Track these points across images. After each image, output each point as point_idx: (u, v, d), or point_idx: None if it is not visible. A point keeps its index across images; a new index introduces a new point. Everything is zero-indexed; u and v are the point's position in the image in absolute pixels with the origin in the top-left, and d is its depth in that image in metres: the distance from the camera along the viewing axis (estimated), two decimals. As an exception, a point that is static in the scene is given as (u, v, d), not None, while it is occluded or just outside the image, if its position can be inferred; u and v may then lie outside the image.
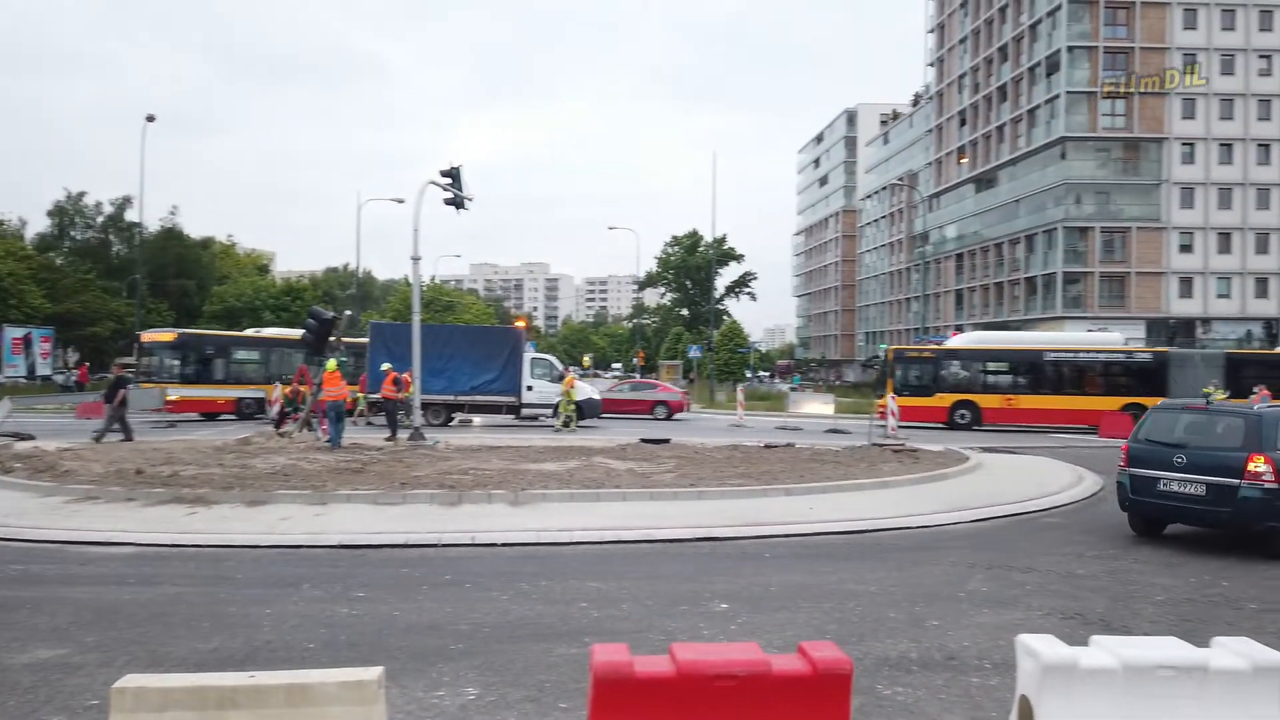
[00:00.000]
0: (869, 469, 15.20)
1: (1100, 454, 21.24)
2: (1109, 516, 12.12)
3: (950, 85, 75.90)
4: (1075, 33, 57.85)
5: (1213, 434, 10.37)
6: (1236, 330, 58.15)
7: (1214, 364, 29.02)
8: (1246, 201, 58.21)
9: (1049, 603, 7.26)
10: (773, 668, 3.31)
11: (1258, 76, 58.06)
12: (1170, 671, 3.69)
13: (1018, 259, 64.35)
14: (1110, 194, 59.30)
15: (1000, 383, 29.70)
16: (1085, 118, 58.32)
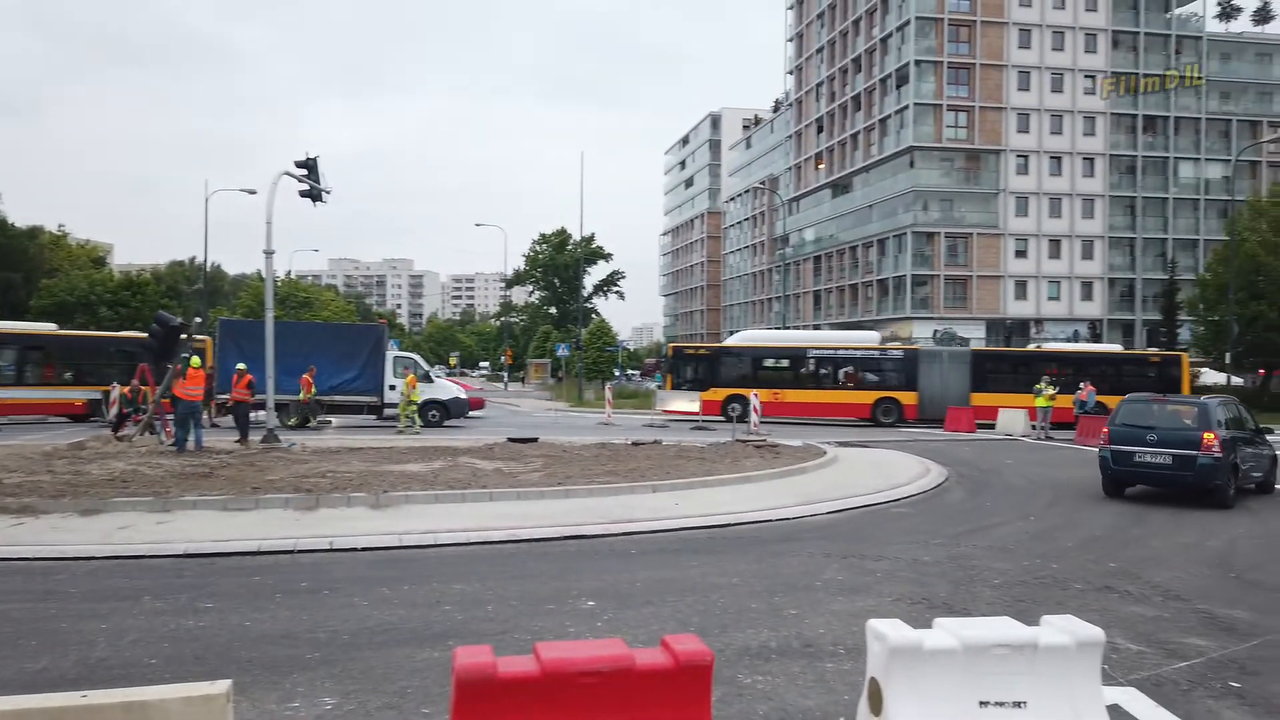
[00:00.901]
0: (732, 464, 15.58)
1: (946, 448, 22.51)
2: (953, 506, 12.88)
3: (808, 93, 78.69)
4: (922, 48, 61.08)
5: (1175, 419, 13.76)
6: (1065, 330, 62.76)
7: (961, 361, 31.25)
8: (1074, 211, 62.96)
9: (898, 588, 7.64)
10: (636, 662, 3.35)
11: (1083, 95, 62.88)
12: (1005, 649, 3.94)
13: (871, 262, 67.34)
14: (954, 201, 62.92)
15: (769, 378, 31.11)
16: (931, 129, 61.66)
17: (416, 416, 24.28)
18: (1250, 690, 5.33)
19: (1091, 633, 4.04)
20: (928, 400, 30.43)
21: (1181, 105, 64.59)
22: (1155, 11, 64.79)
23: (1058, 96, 62.44)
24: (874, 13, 66.87)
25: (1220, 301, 42.31)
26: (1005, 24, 61.50)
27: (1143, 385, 28.11)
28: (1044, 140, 62.25)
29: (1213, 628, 6.67)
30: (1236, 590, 7.95)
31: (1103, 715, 3.92)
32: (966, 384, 30.50)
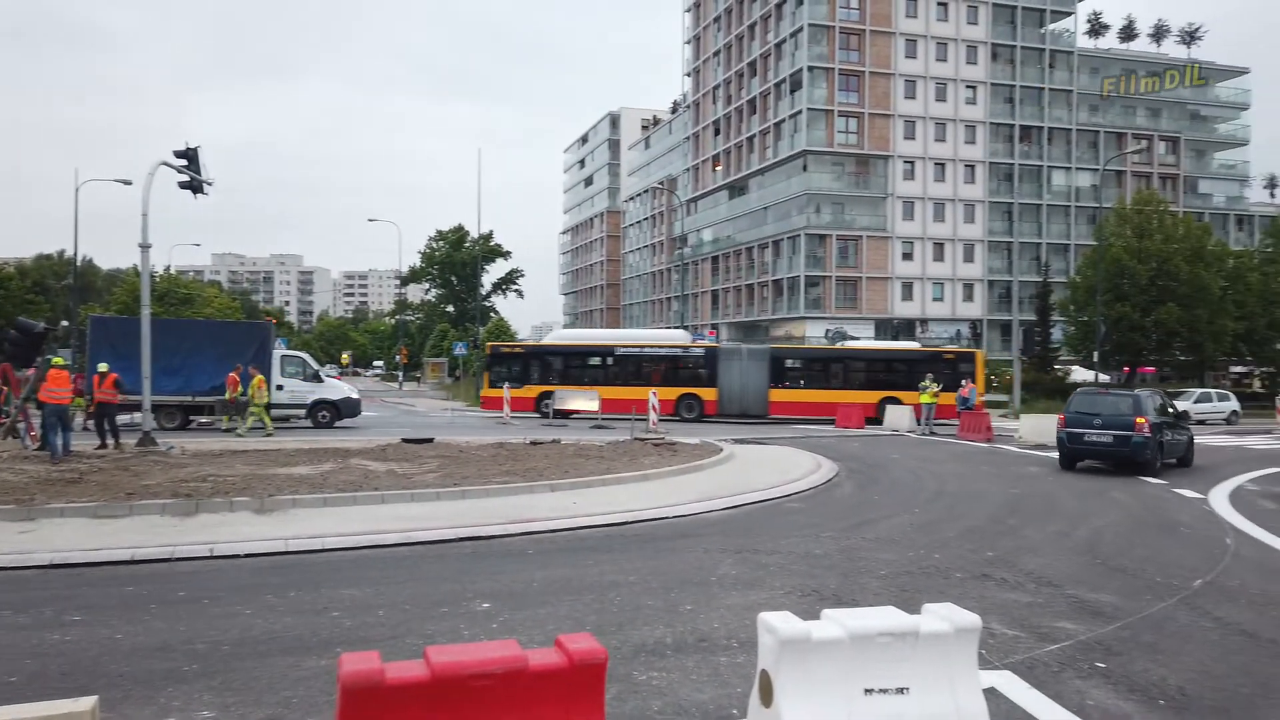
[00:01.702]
0: (630, 463, 15.64)
1: (836, 444, 23.15)
2: (843, 500, 13.26)
3: (706, 96, 79.75)
4: (814, 54, 62.71)
5: (1115, 407, 17.64)
6: (949, 329, 65.49)
7: (759, 358, 32.38)
8: (956, 215, 65.74)
9: (790, 581, 7.82)
10: (529, 663, 3.32)
11: (965, 104, 65.72)
12: (888, 638, 4.07)
13: (767, 262, 68.75)
14: (845, 205, 64.84)
15: (579, 375, 32.01)
16: (823, 133, 63.39)
17: (266, 417, 23.11)
18: (1114, 670, 5.66)
19: (969, 619, 4.21)
20: (727, 397, 31.28)
21: (1054, 117, 68.26)
22: (1031, 26, 68.24)
23: (941, 105, 65.09)
24: (769, 19, 68.28)
25: (1089, 303, 44.90)
26: (893, 34, 63.73)
27: (941, 380, 29.68)
28: (929, 147, 64.79)
29: (1081, 612, 7.06)
30: (1102, 576, 8.43)
31: (979, 698, 4.09)
32: (766, 381, 31.41)
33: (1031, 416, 26.22)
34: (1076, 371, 52.35)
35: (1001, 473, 17.04)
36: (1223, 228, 68.56)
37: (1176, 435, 18.65)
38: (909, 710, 4.00)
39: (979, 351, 32.84)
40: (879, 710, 3.96)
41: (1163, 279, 45.23)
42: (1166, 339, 45.96)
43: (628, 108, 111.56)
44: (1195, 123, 75.42)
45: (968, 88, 65.77)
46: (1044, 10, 68.22)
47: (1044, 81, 67.88)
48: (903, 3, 64.00)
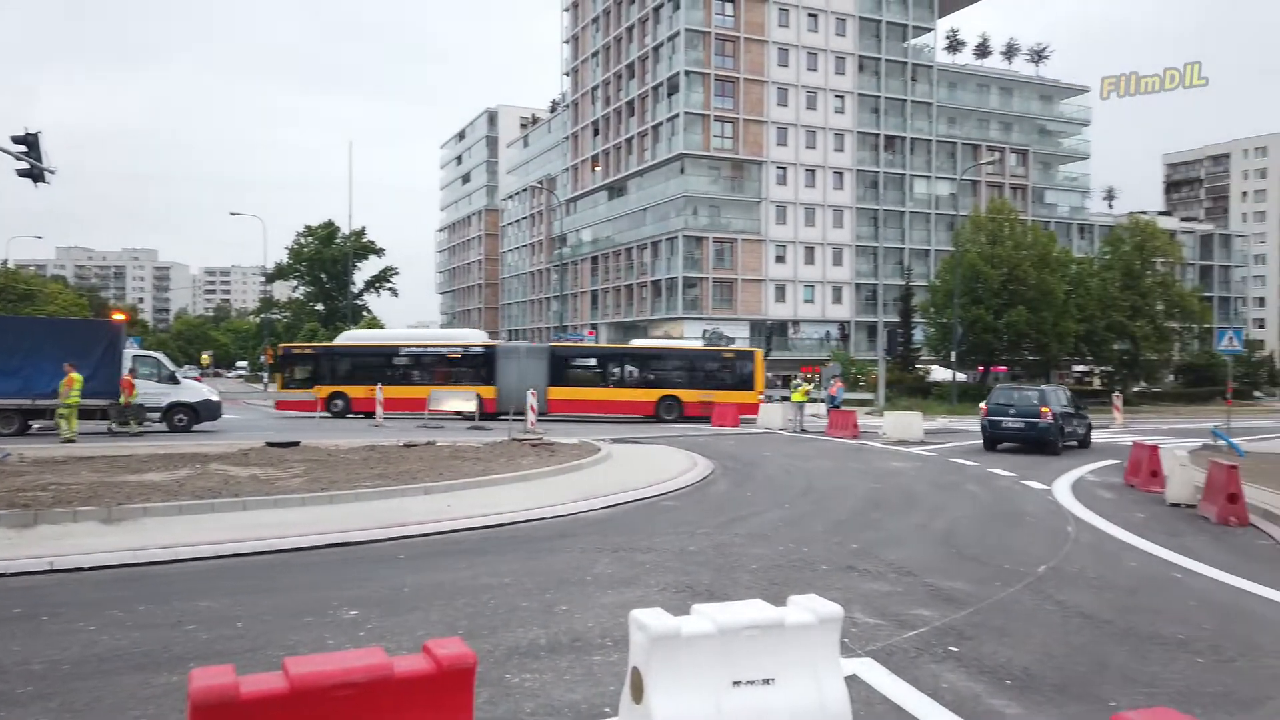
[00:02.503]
0: (508, 463, 15.49)
1: (711, 442, 23.58)
2: (718, 497, 13.52)
3: (584, 96, 79.82)
4: (691, 59, 63.71)
5: (1026, 399, 21.85)
6: (819, 330, 67.74)
7: (538, 356, 33.04)
8: (826, 221, 68.05)
9: (665, 578, 7.91)
10: (395, 670, 3.24)
11: (834, 113, 68.11)
12: (756, 630, 4.17)
13: (645, 263, 69.37)
14: (721, 208, 66.14)
15: (366, 375, 32.01)
16: (700, 137, 64.47)
17: (73, 421, 21.12)
18: (966, 653, 5.98)
19: (832, 610, 4.36)
20: (505, 395, 31.03)
21: (916, 128, 71.58)
22: (895, 40, 71.35)
23: (812, 113, 67.26)
24: (646, 22, 68.93)
25: (947, 306, 47.30)
26: (766, 42, 65.43)
27: (721, 378, 31.00)
28: (800, 154, 66.84)
29: (937, 599, 7.42)
30: (957, 564, 8.89)
31: (841, 685, 4.23)
32: (544, 379, 31.45)
33: (894, 414, 27.37)
34: (936, 371, 55.07)
35: (866, 468, 17.74)
36: (1066, 236, 73.49)
37: (1077, 423, 23.17)
38: (775, 700, 4.12)
39: (758, 351, 33.50)
40: (746, 701, 4.06)
41: (1013, 283, 48.09)
42: (1017, 340, 48.88)
43: (506, 105, 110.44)
44: (1042, 137, 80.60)
45: (836, 97, 68.21)
46: (906, 26, 71.44)
47: (907, 94, 71.09)
48: (775, 12, 65.80)
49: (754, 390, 31.73)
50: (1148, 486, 14.78)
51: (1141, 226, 57.86)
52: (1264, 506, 12.03)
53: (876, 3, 69.89)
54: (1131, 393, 53.76)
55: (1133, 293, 53.41)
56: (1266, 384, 73.78)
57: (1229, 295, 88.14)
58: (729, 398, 30.60)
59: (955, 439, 26.22)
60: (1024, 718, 4.89)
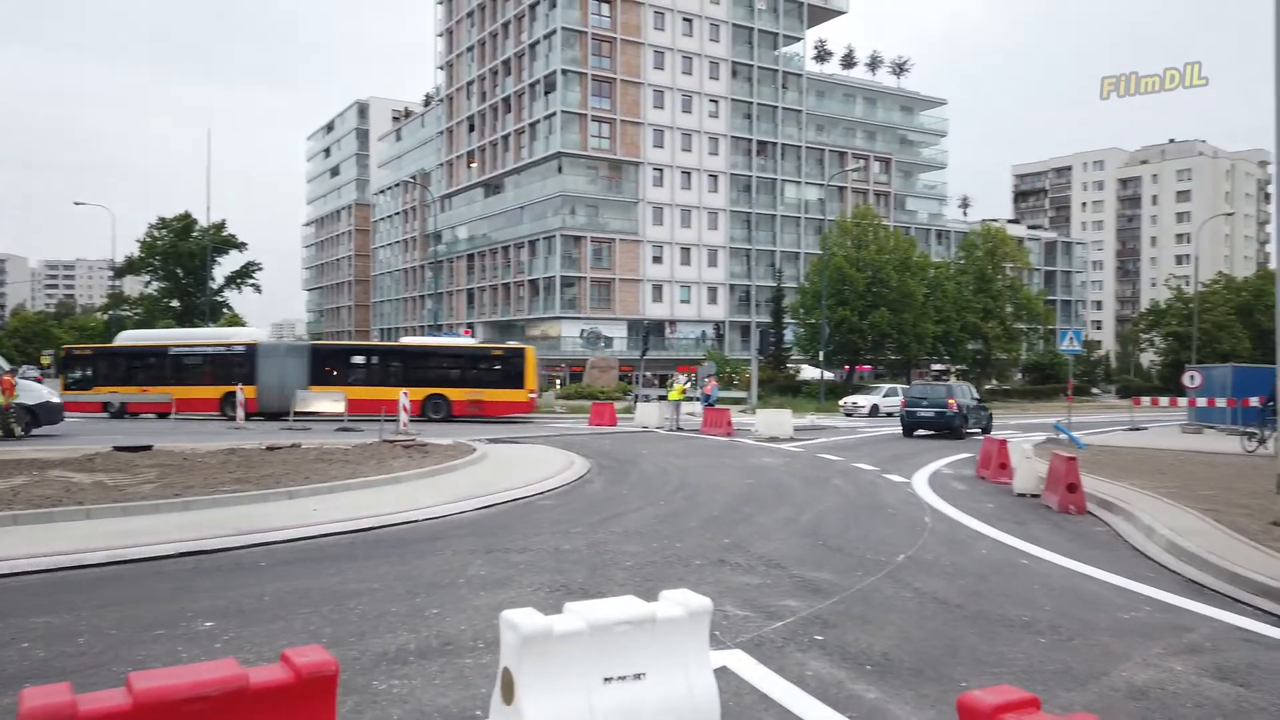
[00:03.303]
0: (378, 465, 15.08)
1: (589, 441, 23.63)
2: (594, 496, 13.55)
3: (459, 91, 78.54)
4: (568, 58, 63.66)
5: (936, 392, 26.40)
6: (695, 330, 68.86)
7: (299, 354, 32.69)
8: (701, 222, 69.26)
9: (539, 578, 7.87)
10: (251, 681, 3.10)
11: (709, 118, 69.38)
12: (627, 626, 4.20)
13: (522, 262, 68.88)
14: (599, 208, 66.38)
15: (143, 376, 31.59)
16: (578, 136, 64.50)
17: None
18: (830, 641, 6.20)
19: (701, 603, 4.44)
20: (265, 393, 30.53)
21: (786, 134, 73.74)
22: (766, 48, 73.31)
23: (687, 117, 68.33)
24: (522, 19, 68.43)
25: (815, 307, 48.96)
26: (642, 44, 66.05)
27: (491, 376, 30.88)
28: (676, 156, 67.79)
29: (804, 590, 7.67)
30: (823, 555, 9.21)
31: (710, 677, 4.32)
32: (305, 378, 30.87)
33: (766, 411, 28.10)
34: (806, 370, 56.90)
35: (739, 465, 18.15)
36: (925, 241, 77.26)
37: (979, 413, 28.24)
38: (645, 694, 4.16)
39: (529, 348, 32.97)
40: (618, 696, 4.08)
41: (877, 286, 50.25)
42: (880, 340, 51.10)
43: (378, 97, 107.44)
44: (904, 146, 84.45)
45: (711, 101, 69.52)
46: (777, 34, 73.51)
47: (777, 101, 73.13)
48: (651, 15, 66.48)
49: (524, 389, 30.86)
50: (997, 478, 15.69)
51: (992, 233, 61.49)
52: (1100, 495, 12.96)
53: (749, 11, 71.60)
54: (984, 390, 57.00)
55: (985, 296, 56.67)
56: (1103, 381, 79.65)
57: (1070, 299, 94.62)
58: (498, 396, 30.33)
59: (823, 435, 27.16)
60: (882, 701, 5.10)
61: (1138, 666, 5.79)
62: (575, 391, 47.48)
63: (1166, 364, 63.90)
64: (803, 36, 75.83)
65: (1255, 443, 21.42)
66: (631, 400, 38.80)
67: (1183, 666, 5.81)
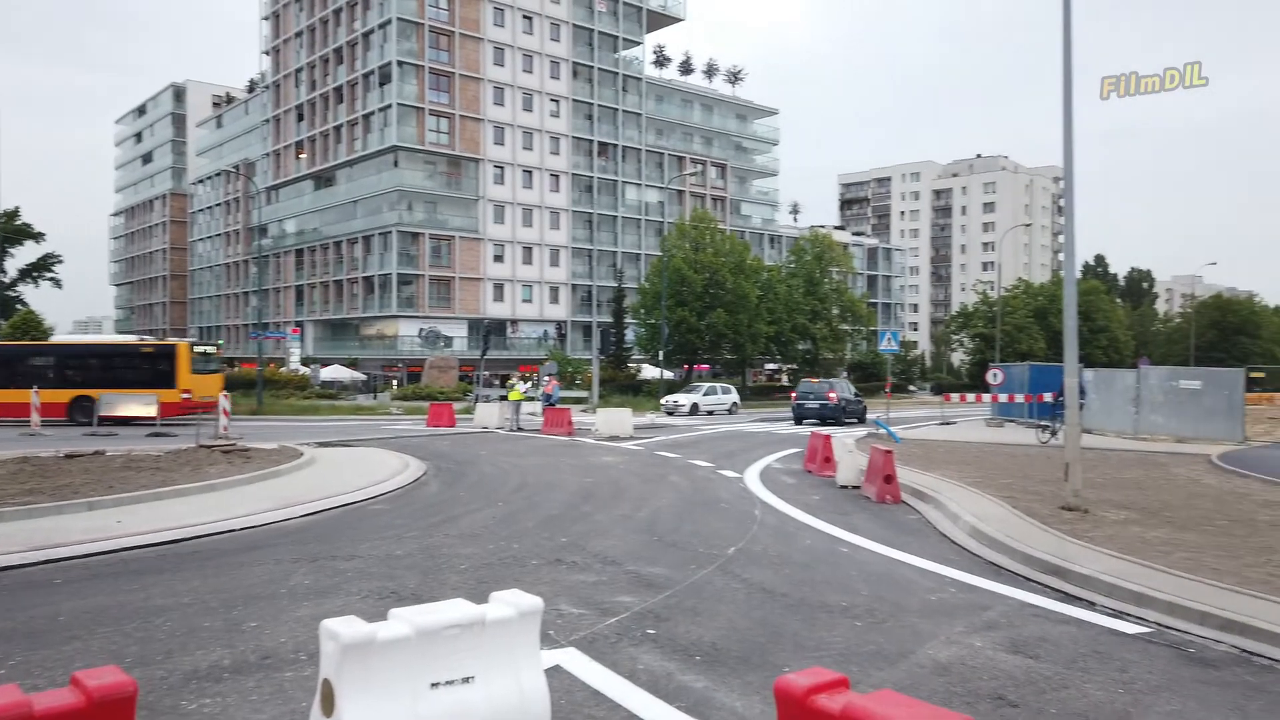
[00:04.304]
0: (193, 472, 14.17)
1: (426, 443, 23.10)
2: (429, 498, 13.25)
3: (287, 78, 74.88)
4: (404, 50, 61.92)
5: (820, 388, 33.28)
6: (537, 330, 68.56)
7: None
8: (543, 222, 69.02)
9: (368, 585, 7.62)
10: (35, 708, 2.85)
11: (550, 117, 69.26)
12: (456, 629, 4.14)
13: (357, 258, 66.44)
14: (437, 204, 64.94)
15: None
16: (414, 130, 62.84)
17: None
18: (662, 634, 6.32)
19: (532, 603, 4.42)
20: None
21: (627, 136, 74.64)
22: (606, 51, 73.93)
23: (529, 115, 67.93)
24: (355, 6, 66.08)
25: (656, 307, 49.83)
26: (481, 40, 65.13)
27: (140, 374, 29.11)
28: (517, 154, 67.26)
29: (638, 585, 7.79)
30: (658, 551, 9.38)
31: (540, 677, 4.31)
32: None
33: (606, 411, 28.34)
34: (646, 369, 57.80)
35: (579, 464, 18.22)
36: (759, 245, 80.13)
37: (856, 404, 34.47)
38: (474, 697, 4.11)
39: (181, 344, 31.18)
40: (445, 701, 4.01)
41: (714, 288, 51.67)
42: (717, 340, 52.56)
43: (196, 81, 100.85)
44: (739, 153, 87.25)
45: (552, 101, 69.42)
46: (617, 37, 74.28)
47: (618, 103, 73.91)
48: (490, 11, 65.68)
49: (176, 388, 28.86)
50: (822, 471, 16.48)
51: (820, 239, 64.52)
52: (913, 485, 13.85)
53: (589, 12, 71.99)
54: (813, 388, 59.59)
55: (813, 298, 59.37)
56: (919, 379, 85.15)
57: (890, 301, 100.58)
58: None
59: (663, 433, 27.68)
60: (710, 689, 5.25)
61: (942, 644, 6.22)
62: (413, 392, 46.27)
63: (974, 363, 69.02)
64: (642, 41, 76.96)
65: (1048, 435, 23.47)
66: (471, 401, 38.20)
67: (981, 642, 6.29)
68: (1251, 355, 79.26)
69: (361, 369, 59.51)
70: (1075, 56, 11.93)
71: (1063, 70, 11.93)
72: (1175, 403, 25.08)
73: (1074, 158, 12.00)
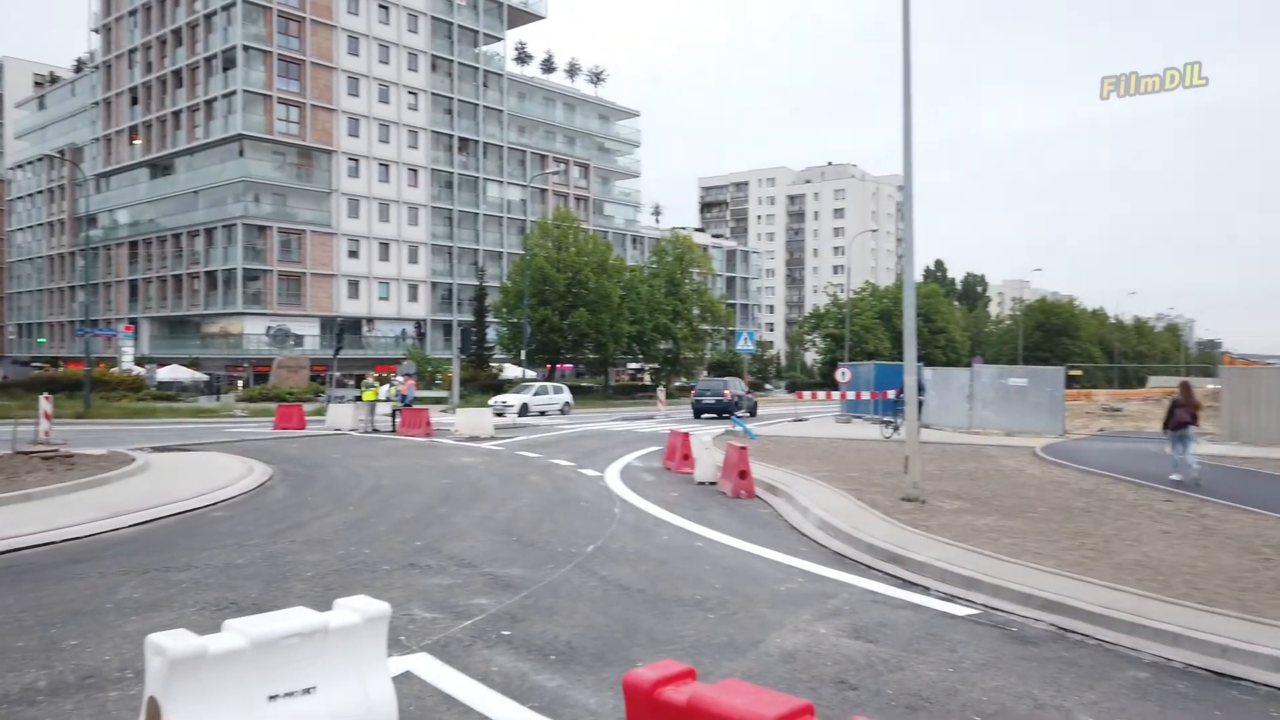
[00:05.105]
0: (8, 481, 13.03)
1: (273, 446, 22.10)
2: (275, 504, 12.67)
3: (120, 58, 69.96)
4: (250, 34, 58.99)
5: (716, 386, 37.95)
6: (395, 328, 66.71)
7: None
8: (401, 217, 67.20)
9: (204, 597, 7.22)
10: None
11: (408, 110, 67.51)
12: (297, 639, 3.97)
13: (198, 252, 62.83)
14: (287, 196, 62.16)
15: None
16: (262, 119, 59.95)
17: None
18: (517, 635, 6.27)
19: (378, 608, 4.31)
20: None
21: (488, 133, 73.69)
22: (467, 45, 72.73)
23: (385, 107, 65.99)
24: (198, -15, 62.42)
25: (518, 306, 49.44)
26: (334, 27, 62.81)
27: None
28: (373, 147, 65.21)
29: (494, 587, 7.70)
30: (516, 551, 9.30)
31: (387, 684, 4.21)
32: None
33: (466, 410, 27.88)
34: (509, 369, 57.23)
35: (437, 465, 17.85)
36: (622, 246, 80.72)
37: (747, 399, 38.03)
38: (316, 709, 3.96)
39: None
40: (284, 714, 3.84)
41: (576, 287, 51.73)
42: (580, 339, 52.66)
43: (14, 58, 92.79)
44: (602, 153, 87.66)
45: (410, 93, 67.69)
46: (477, 32, 73.19)
47: (479, 98, 72.84)
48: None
49: None
50: (681, 468, 16.76)
51: (681, 241, 65.65)
52: (766, 480, 14.29)
53: (449, 5, 70.64)
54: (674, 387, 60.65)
55: (674, 299, 60.34)
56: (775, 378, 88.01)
57: (748, 303, 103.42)
58: None
59: (524, 433, 27.46)
60: (564, 688, 5.26)
61: (789, 633, 6.45)
62: (260, 393, 44.09)
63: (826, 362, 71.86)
64: (503, 37, 76.13)
65: (891, 430, 24.71)
66: (324, 402, 36.77)
67: (825, 629, 6.56)
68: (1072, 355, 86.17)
69: (204, 369, 56.28)
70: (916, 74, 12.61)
71: (903, 85, 12.57)
72: (1004, 399, 26.93)
73: (913, 168, 12.67)
